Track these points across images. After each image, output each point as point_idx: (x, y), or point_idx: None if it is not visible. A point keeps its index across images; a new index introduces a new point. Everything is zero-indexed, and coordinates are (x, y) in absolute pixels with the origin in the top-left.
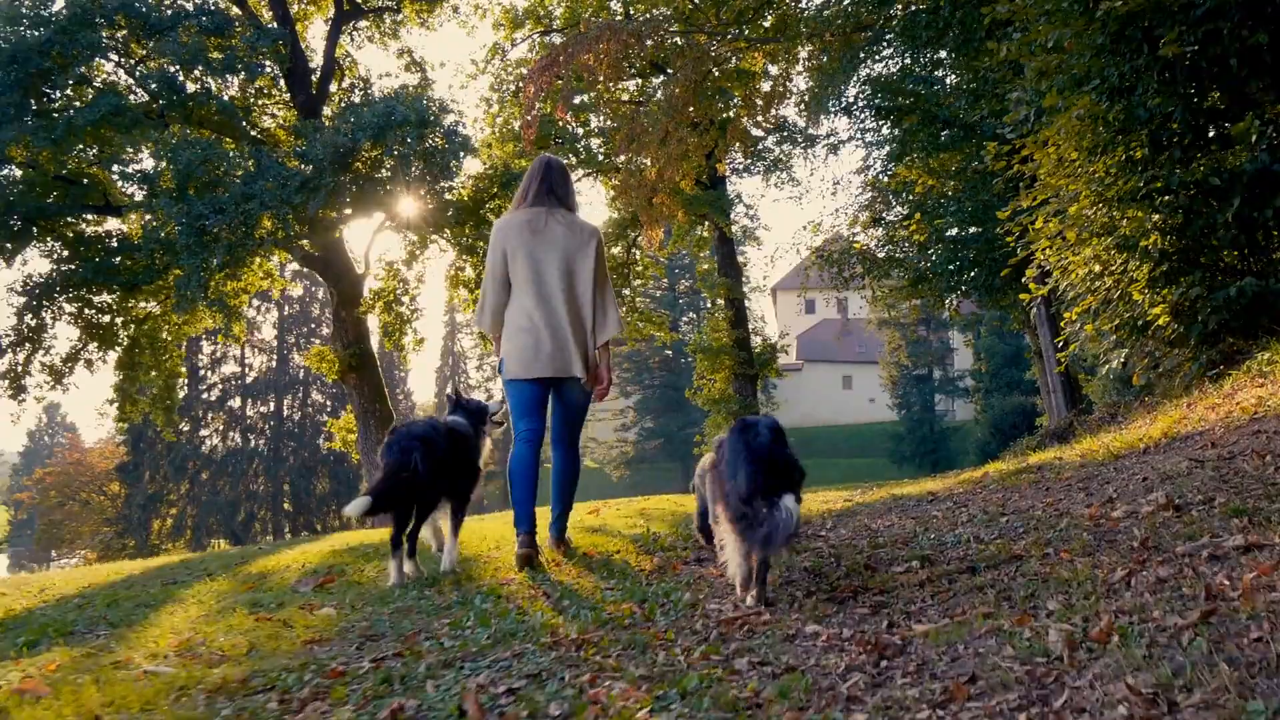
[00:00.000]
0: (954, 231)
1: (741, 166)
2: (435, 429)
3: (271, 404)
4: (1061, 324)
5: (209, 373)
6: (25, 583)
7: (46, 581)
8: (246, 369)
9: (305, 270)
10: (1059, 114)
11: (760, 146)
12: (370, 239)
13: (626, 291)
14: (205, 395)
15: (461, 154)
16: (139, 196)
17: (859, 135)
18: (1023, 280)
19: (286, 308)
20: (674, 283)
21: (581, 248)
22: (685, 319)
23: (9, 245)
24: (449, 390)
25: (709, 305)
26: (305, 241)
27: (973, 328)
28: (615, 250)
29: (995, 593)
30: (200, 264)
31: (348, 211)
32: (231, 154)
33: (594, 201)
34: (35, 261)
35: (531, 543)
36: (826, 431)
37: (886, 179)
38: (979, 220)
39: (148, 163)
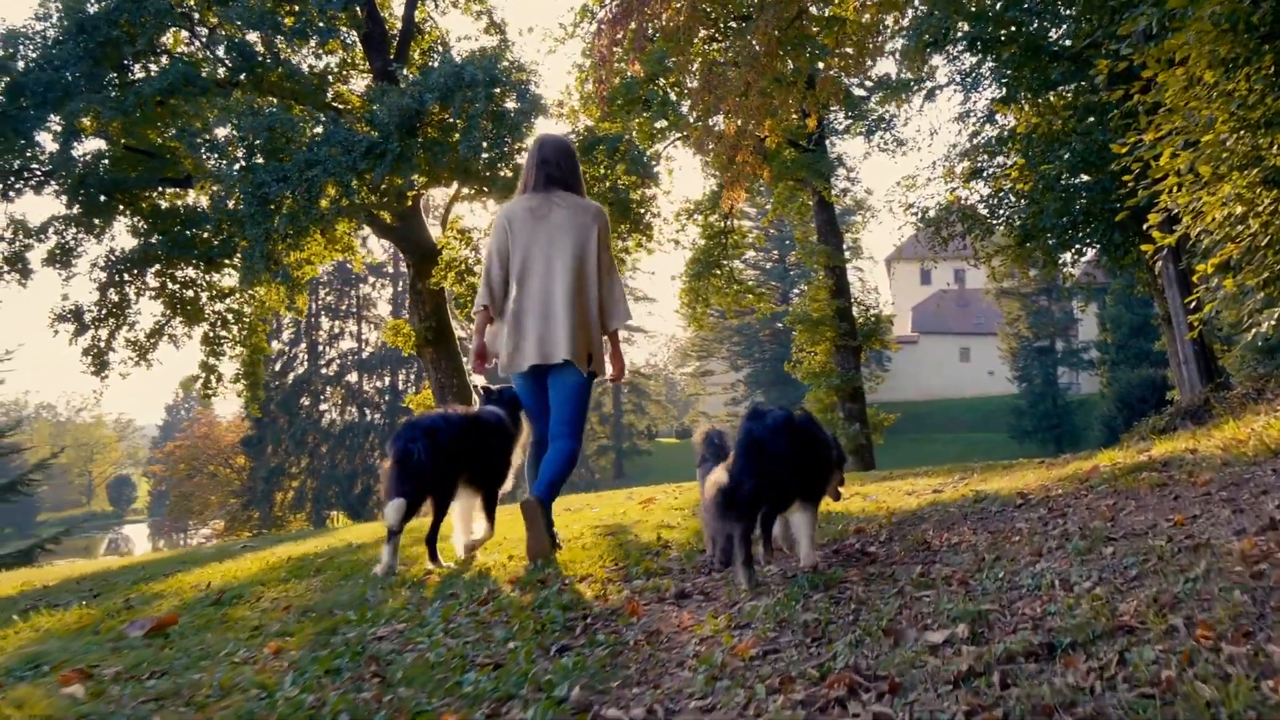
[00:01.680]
0: (1064, 179)
1: (842, 127)
2: (446, 420)
3: (387, 378)
4: (1194, 278)
5: (327, 348)
6: None
7: None
8: (363, 344)
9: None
10: (1187, 20)
11: (862, 107)
12: (446, 207)
13: (726, 263)
14: (324, 370)
15: (533, 115)
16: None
17: (958, 79)
18: (1144, 228)
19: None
20: (784, 255)
21: (584, 230)
22: (796, 291)
23: (97, 221)
24: (478, 387)
25: (814, 275)
26: (384, 212)
27: (1090, 291)
28: (712, 219)
29: None
30: (263, 234)
31: (417, 179)
32: (298, 120)
33: (686, 167)
34: (122, 237)
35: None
36: (943, 405)
37: (988, 125)
38: (1093, 164)
39: (220, 132)
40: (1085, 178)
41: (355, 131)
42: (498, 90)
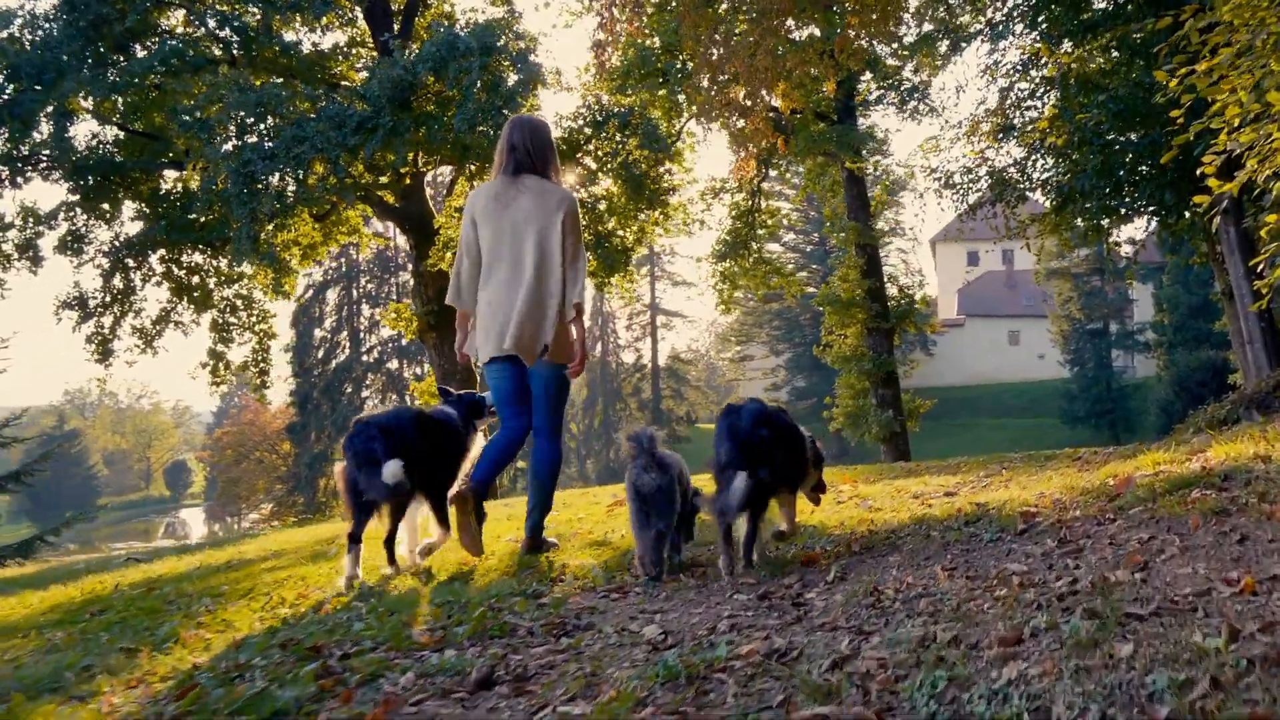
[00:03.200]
0: (1104, 130)
1: (873, 97)
2: (400, 419)
3: (425, 365)
4: (1262, 233)
5: (368, 335)
6: None
7: None
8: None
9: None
10: None
11: (895, 77)
12: (449, 185)
13: (755, 244)
14: (365, 357)
15: (531, 85)
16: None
17: (986, 30)
18: (1198, 175)
19: None
20: (824, 237)
21: (549, 217)
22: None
23: (105, 205)
24: (439, 388)
25: (845, 254)
26: (387, 192)
27: (1135, 262)
28: (739, 197)
29: None
30: (249, 214)
31: (412, 155)
32: (286, 96)
33: (711, 143)
34: (129, 223)
35: (476, 491)
36: (992, 390)
37: (1017, 75)
38: (1139, 113)
39: (211, 110)
40: (1131, 136)
41: (346, 106)
42: (492, 59)
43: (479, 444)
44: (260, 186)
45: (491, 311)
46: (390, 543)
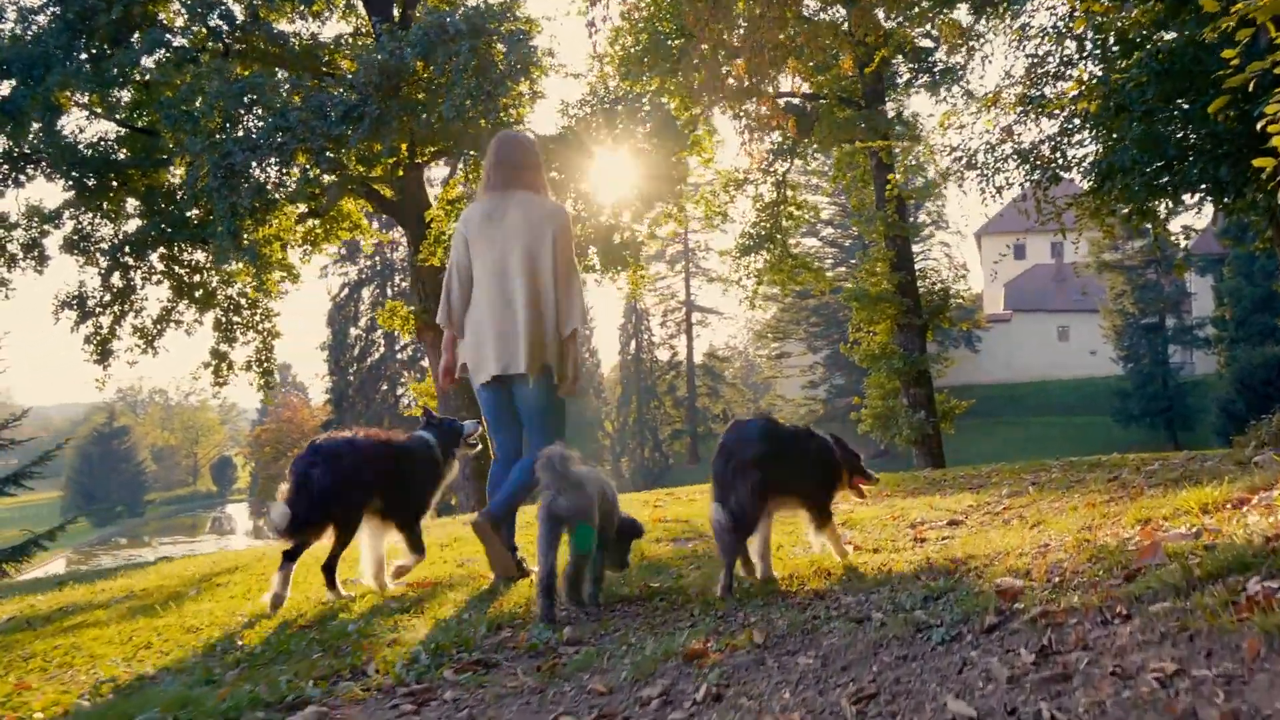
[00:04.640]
0: (1145, 95)
1: (903, 80)
2: (352, 445)
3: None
4: None
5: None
6: None
7: None
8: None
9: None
10: None
11: (930, 59)
12: (447, 178)
13: (780, 237)
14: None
15: (522, 68)
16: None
17: None
18: (1260, 129)
19: None
20: (863, 231)
21: (540, 233)
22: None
23: (105, 203)
24: (422, 409)
25: (874, 246)
26: (384, 186)
27: (1186, 252)
28: (763, 189)
29: None
30: (229, 208)
31: (410, 146)
32: (268, 84)
33: (718, 129)
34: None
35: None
36: (1041, 387)
37: (1046, 39)
38: (1188, 74)
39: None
40: (1180, 102)
41: (331, 94)
42: (482, 41)
43: (455, 469)
44: (241, 181)
45: (485, 330)
46: (328, 568)
